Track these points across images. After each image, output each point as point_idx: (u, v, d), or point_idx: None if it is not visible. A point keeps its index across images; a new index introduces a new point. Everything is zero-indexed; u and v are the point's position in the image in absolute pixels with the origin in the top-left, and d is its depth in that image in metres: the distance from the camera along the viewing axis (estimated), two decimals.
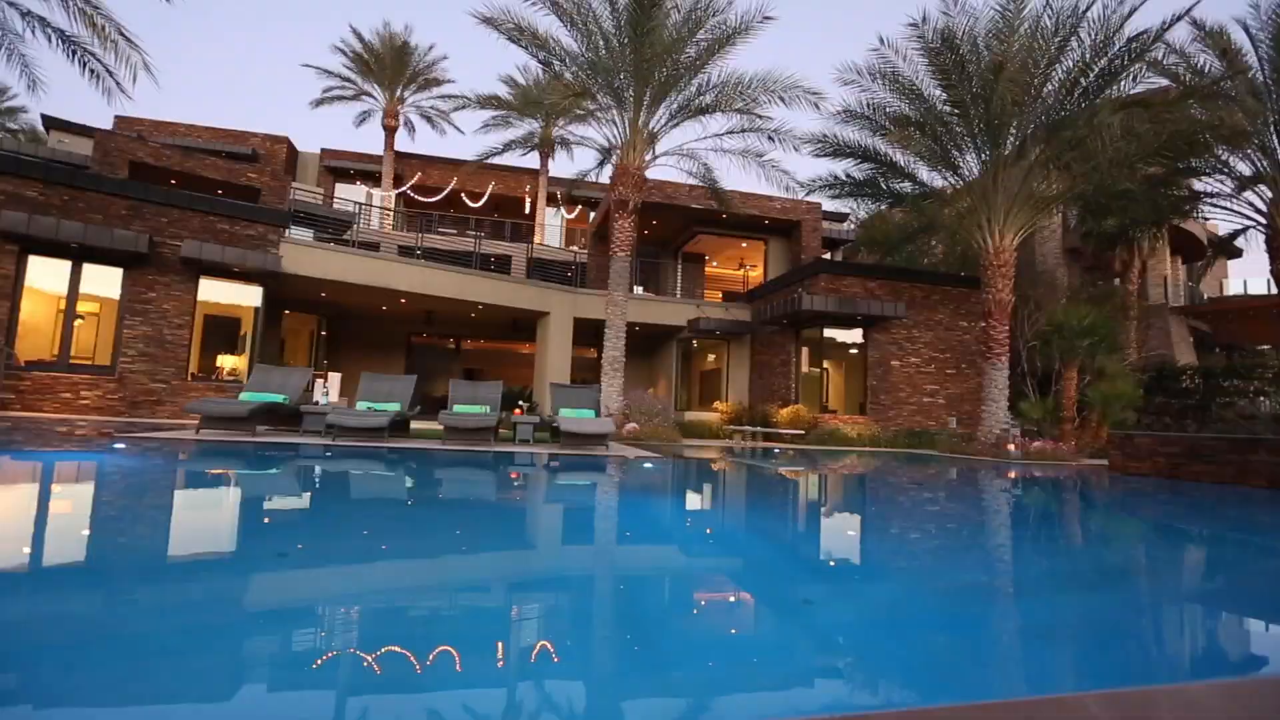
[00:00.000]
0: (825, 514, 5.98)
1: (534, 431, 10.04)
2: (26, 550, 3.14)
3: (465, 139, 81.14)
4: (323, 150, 27.30)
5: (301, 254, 14.50)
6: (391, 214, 25.24)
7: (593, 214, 26.65)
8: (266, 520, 4.29)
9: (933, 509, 6.33)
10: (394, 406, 9.57)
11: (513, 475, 7.24)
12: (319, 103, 27.36)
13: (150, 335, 13.09)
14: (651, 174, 15.12)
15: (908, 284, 16.60)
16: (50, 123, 22.17)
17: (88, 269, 12.87)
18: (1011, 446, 12.21)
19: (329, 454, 7.72)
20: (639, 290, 19.81)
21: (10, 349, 11.95)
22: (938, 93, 13.95)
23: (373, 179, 26.80)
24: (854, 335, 16.52)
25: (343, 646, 2.05)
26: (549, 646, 2.09)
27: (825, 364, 16.65)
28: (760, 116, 14.74)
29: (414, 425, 11.40)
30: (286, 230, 14.82)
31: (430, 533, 4.05)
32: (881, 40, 13.93)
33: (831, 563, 3.88)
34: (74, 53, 11.74)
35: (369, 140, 68.89)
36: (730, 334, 18.63)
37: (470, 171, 23.90)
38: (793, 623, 2.50)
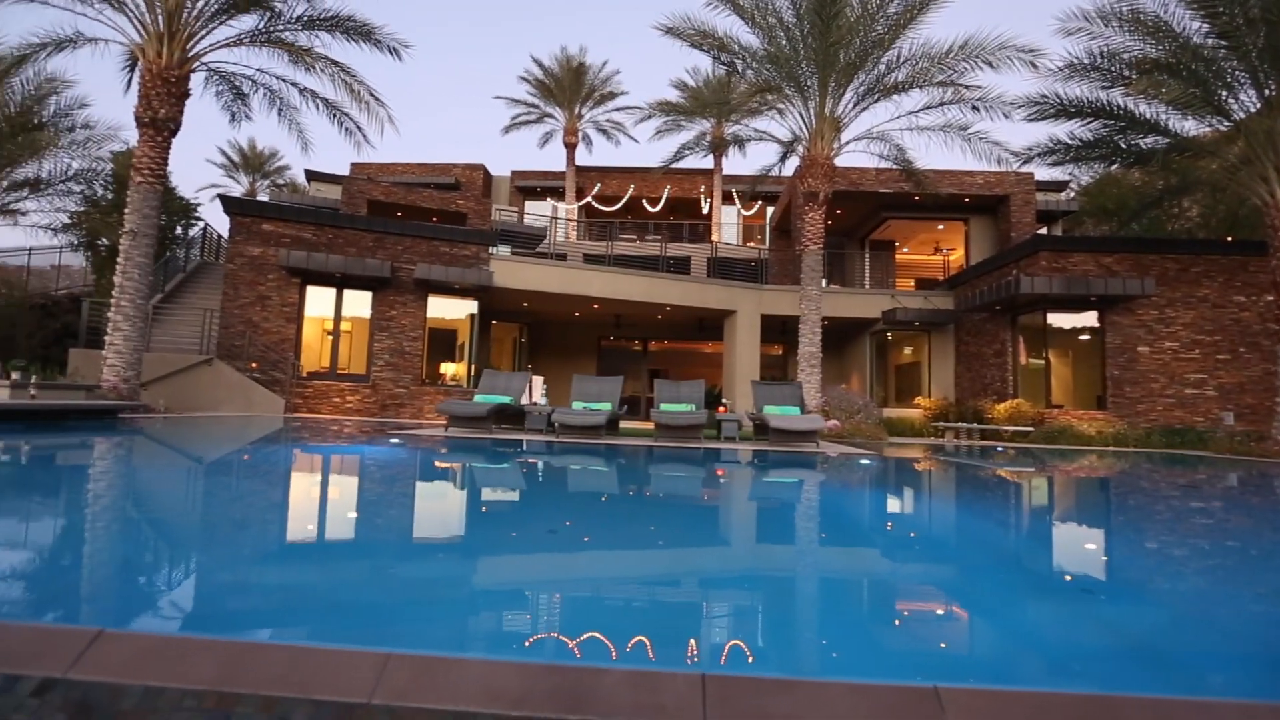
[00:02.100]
0: (1109, 523, 5.24)
1: (738, 429, 10.08)
2: (379, 520, 3.77)
3: (639, 146, 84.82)
4: (513, 172, 29.85)
5: (507, 268, 15.94)
6: (576, 225, 26.90)
7: (770, 209, 26.24)
8: (540, 502, 4.75)
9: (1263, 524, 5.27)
10: (606, 406, 10.15)
11: (719, 472, 7.28)
12: (508, 129, 30.01)
13: (393, 347, 15.19)
14: (836, 161, 14.47)
15: (1157, 256, 14.12)
16: (311, 175, 26.74)
17: (346, 294, 15.28)
18: None
19: (557, 449, 8.38)
20: (823, 283, 19.11)
21: (298, 363, 14.58)
22: (1195, 25, 11.75)
23: (557, 194, 28.78)
24: (1085, 319, 14.43)
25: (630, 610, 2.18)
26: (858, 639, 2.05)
27: (1048, 353, 14.72)
28: (964, 87, 13.45)
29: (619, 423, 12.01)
30: (493, 248, 16.42)
31: (705, 524, 4.20)
32: None
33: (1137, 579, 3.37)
34: (334, 115, 14.00)
35: (551, 159, 74.35)
36: (931, 324, 17.24)
37: (647, 177, 24.70)
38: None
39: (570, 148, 28.40)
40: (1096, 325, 14.24)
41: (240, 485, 5.18)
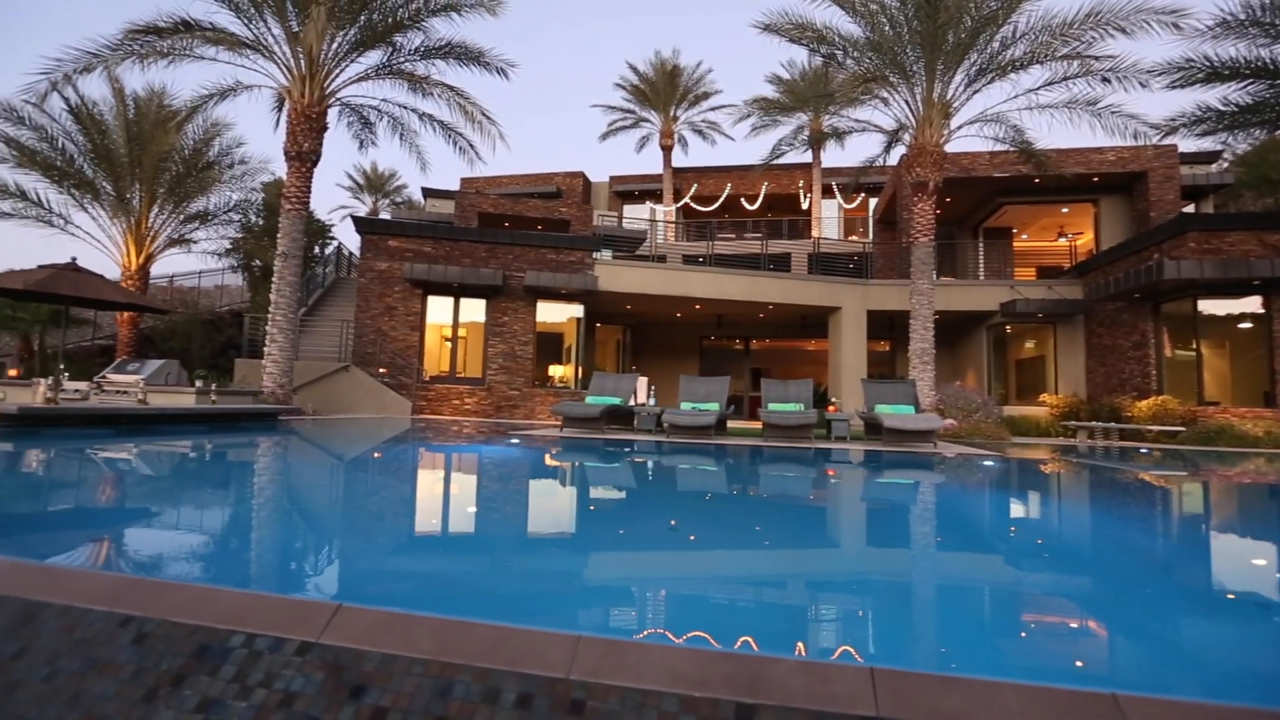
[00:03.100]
0: None
1: (848, 429, 9.86)
2: (530, 514, 4.10)
3: (735, 144, 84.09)
4: (611, 177, 30.50)
5: (610, 272, 16.37)
6: (675, 226, 27.13)
7: (874, 201, 25.29)
8: (674, 500, 4.93)
9: None
10: (714, 406, 10.25)
11: (830, 472, 7.16)
12: (605, 136, 30.71)
13: (506, 351, 16.02)
14: (946, 147, 13.75)
15: None
16: (427, 192, 28.68)
17: (463, 302, 16.29)
18: None
19: (668, 449, 8.56)
20: (934, 276, 18.19)
21: (422, 367, 15.73)
22: None
23: (655, 196, 29.12)
24: (1247, 305, 12.87)
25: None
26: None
27: (1199, 344, 13.25)
28: (1092, 58, 12.41)
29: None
30: (596, 253, 16.93)
31: (839, 525, 4.22)
32: None
33: None
34: (449, 136, 15.00)
35: (647, 162, 75.38)
36: (1056, 315, 15.97)
37: (744, 175, 24.48)
38: None
39: (666, 150, 28.67)
40: (1262, 311, 12.67)
41: (404, 482, 5.75)
